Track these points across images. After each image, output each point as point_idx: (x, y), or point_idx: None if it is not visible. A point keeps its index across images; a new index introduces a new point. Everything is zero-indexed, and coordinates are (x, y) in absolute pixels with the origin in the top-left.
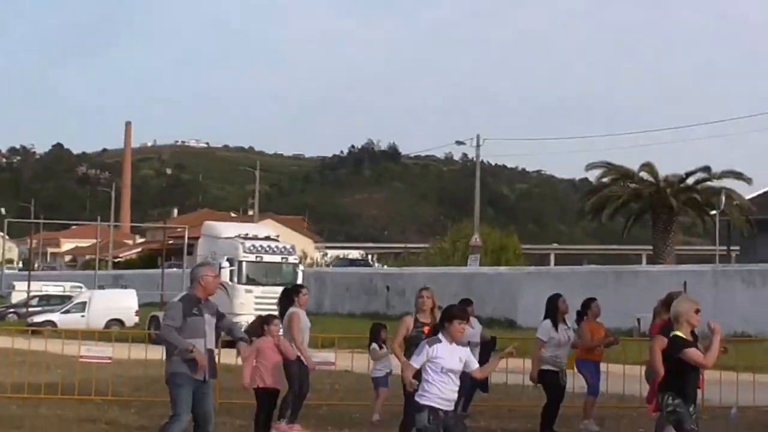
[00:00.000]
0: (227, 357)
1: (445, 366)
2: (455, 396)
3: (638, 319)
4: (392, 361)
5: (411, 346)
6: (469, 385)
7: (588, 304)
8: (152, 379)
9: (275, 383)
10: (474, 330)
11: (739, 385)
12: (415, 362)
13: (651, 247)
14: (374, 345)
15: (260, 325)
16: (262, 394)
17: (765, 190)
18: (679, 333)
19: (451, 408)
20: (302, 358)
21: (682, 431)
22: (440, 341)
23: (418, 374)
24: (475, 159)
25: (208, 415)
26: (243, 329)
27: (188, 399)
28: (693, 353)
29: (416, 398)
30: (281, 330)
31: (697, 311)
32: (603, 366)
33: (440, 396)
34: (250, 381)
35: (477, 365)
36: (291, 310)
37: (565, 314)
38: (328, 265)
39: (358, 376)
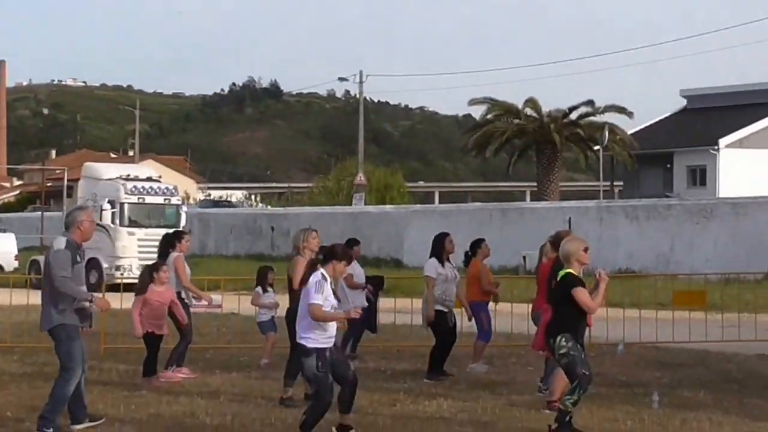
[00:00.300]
0: (112, 302)
1: (334, 304)
2: (334, 330)
3: (524, 257)
4: (280, 304)
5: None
6: (358, 326)
7: (478, 244)
8: (34, 325)
9: (161, 329)
10: (360, 270)
11: (626, 321)
12: (320, 299)
13: (535, 184)
14: (258, 288)
15: (149, 275)
16: (151, 339)
17: (647, 124)
18: (571, 271)
19: (332, 343)
20: (193, 296)
21: (573, 375)
22: (326, 279)
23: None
24: (358, 96)
25: (85, 357)
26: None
27: (81, 351)
28: (583, 294)
29: (301, 342)
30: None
31: (586, 249)
32: (490, 304)
33: (326, 335)
34: (139, 327)
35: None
36: (173, 254)
37: (451, 254)
38: (192, 206)
39: (245, 318)
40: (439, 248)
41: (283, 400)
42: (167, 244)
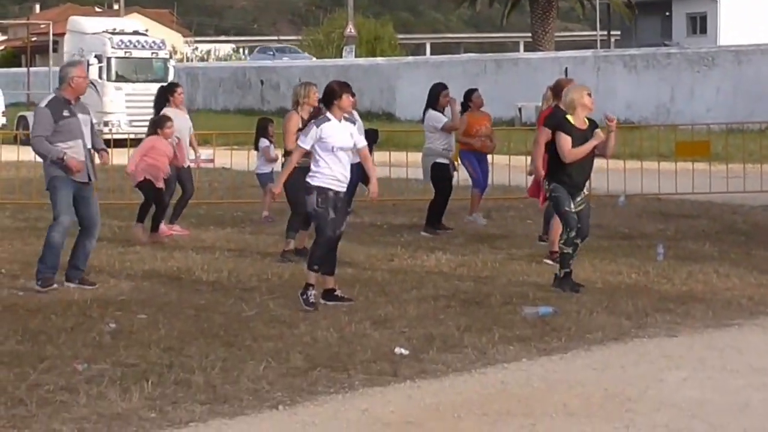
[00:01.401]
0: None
1: (335, 144)
2: (347, 176)
3: (519, 109)
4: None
5: None
6: (353, 180)
7: (469, 95)
8: (25, 181)
9: (159, 181)
10: (358, 122)
11: (626, 173)
12: (303, 143)
13: (529, 35)
14: (264, 141)
15: (153, 129)
16: (147, 187)
17: None
18: (569, 117)
19: (344, 189)
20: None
21: (559, 215)
22: (328, 120)
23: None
24: None
25: (93, 218)
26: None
27: (68, 201)
28: (563, 139)
29: (307, 179)
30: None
31: (589, 94)
32: (488, 157)
33: (331, 176)
34: (137, 172)
35: (364, 142)
36: (165, 110)
37: (445, 108)
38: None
39: (237, 173)
40: (434, 100)
41: (284, 253)
42: (162, 98)
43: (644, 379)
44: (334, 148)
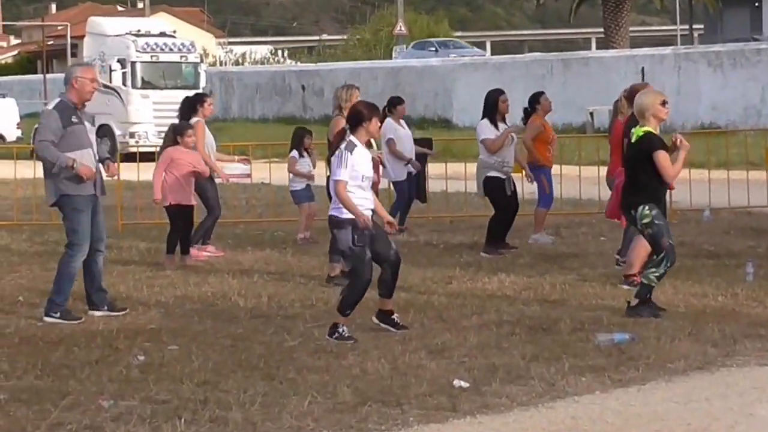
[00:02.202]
0: (127, 172)
1: (365, 174)
2: (373, 205)
3: (591, 113)
4: (319, 170)
5: None
6: (405, 195)
7: (537, 98)
8: (43, 200)
9: (189, 199)
10: (407, 131)
11: (712, 184)
12: (344, 175)
13: (601, 30)
14: (294, 153)
15: (173, 136)
16: (174, 212)
17: None
18: (650, 129)
19: (370, 213)
20: (214, 171)
21: (659, 247)
22: (356, 145)
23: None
24: None
25: (101, 234)
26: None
27: (89, 225)
28: (665, 159)
29: (333, 213)
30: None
31: (664, 103)
32: (556, 168)
33: (364, 205)
34: (160, 193)
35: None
36: (194, 119)
37: (506, 114)
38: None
39: (277, 188)
40: (492, 107)
41: (330, 278)
42: (189, 109)
43: (732, 413)
44: (363, 177)
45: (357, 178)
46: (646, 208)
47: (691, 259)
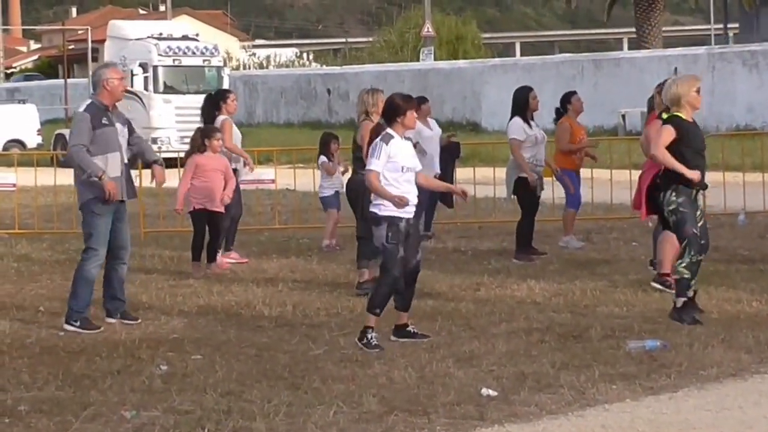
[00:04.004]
0: (149, 179)
1: (405, 164)
2: (416, 199)
3: (623, 115)
4: (343, 179)
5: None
6: (430, 200)
7: (568, 98)
8: (64, 208)
9: (215, 204)
10: (432, 132)
11: (747, 187)
12: (377, 166)
13: (633, 30)
14: (322, 158)
15: (200, 139)
16: (199, 216)
17: None
18: (679, 114)
19: (412, 215)
20: (246, 162)
21: (682, 234)
22: (393, 137)
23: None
24: None
25: (124, 242)
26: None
27: (107, 230)
28: (665, 131)
29: (372, 209)
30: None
31: (698, 90)
32: (585, 172)
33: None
34: (183, 203)
35: (419, 165)
36: (221, 118)
37: (535, 111)
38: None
39: (303, 195)
40: (523, 105)
41: (360, 285)
42: (212, 107)
43: (765, 421)
44: (404, 168)
45: (396, 169)
46: (673, 194)
47: (725, 264)
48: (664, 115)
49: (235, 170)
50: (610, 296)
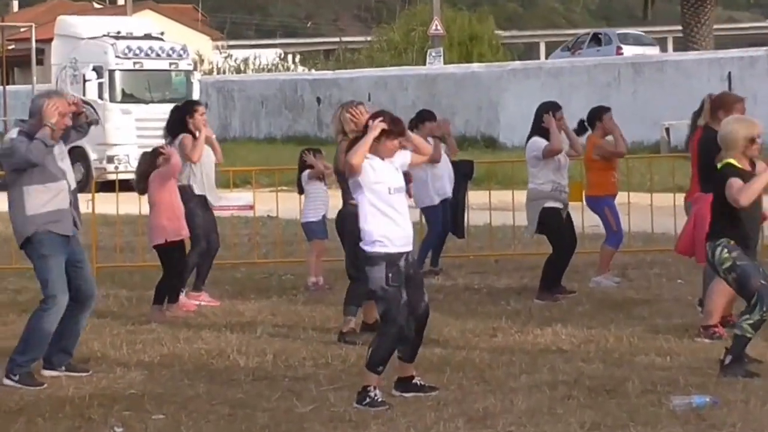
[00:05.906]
0: (104, 205)
1: (392, 186)
2: (410, 227)
3: (666, 129)
4: (331, 201)
5: None
6: (438, 229)
7: (599, 114)
8: (2, 239)
9: (178, 231)
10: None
11: None
12: (356, 158)
13: (679, 28)
14: (305, 173)
15: (147, 165)
16: (172, 251)
17: None
18: (732, 161)
19: (410, 247)
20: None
21: (748, 291)
22: (371, 158)
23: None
24: None
25: (88, 287)
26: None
27: (62, 272)
28: (735, 183)
29: (363, 247)
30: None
31: (754, 140)
32: (622, 195)
33: (400, 235)
34: (151, 230)
35: (404, 183)
36: (183, 136)
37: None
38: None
39: (286, 223)
40: (541, 125)
41: (342, 335)
42: (177, 120)
43: None
44: (391, 189)
45: (383, 192)
46: (725, 250)
47: None
48: (723, 163)
49: (204, 198)
50: (650, 343)
